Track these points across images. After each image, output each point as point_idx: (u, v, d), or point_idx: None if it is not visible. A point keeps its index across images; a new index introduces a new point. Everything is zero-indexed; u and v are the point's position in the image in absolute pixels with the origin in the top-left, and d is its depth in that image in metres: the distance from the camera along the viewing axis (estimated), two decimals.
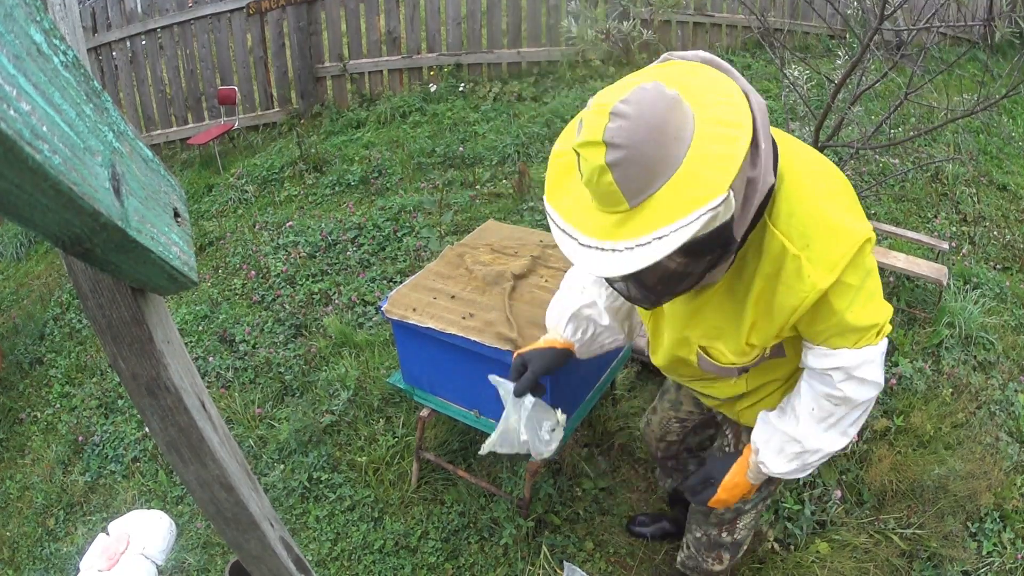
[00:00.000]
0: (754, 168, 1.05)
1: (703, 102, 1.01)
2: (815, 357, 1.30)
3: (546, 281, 2.30)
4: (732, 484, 1.53)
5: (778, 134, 1.22)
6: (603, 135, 0.96)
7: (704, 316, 1.34)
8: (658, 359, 1.55)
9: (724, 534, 1.85)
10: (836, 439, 1.38)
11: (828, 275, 1.14)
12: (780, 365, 1.44)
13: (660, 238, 0.97)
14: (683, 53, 1.14)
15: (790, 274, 1.16)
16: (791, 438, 1.39)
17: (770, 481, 1.64)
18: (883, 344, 1.29)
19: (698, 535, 1.90)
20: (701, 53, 1.13)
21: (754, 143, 1.03)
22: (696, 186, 0.97)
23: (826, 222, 1.14)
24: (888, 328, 1.29)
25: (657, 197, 0.98)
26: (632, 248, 0.99)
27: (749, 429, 1.56)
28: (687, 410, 1.96)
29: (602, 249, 1.01)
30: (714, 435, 1.96)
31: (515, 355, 1.73)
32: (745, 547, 1.93)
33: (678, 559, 2.06)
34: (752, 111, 1.03)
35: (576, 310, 1.63)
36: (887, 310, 1.29)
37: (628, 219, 1.00)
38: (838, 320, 1.20)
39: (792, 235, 1.15)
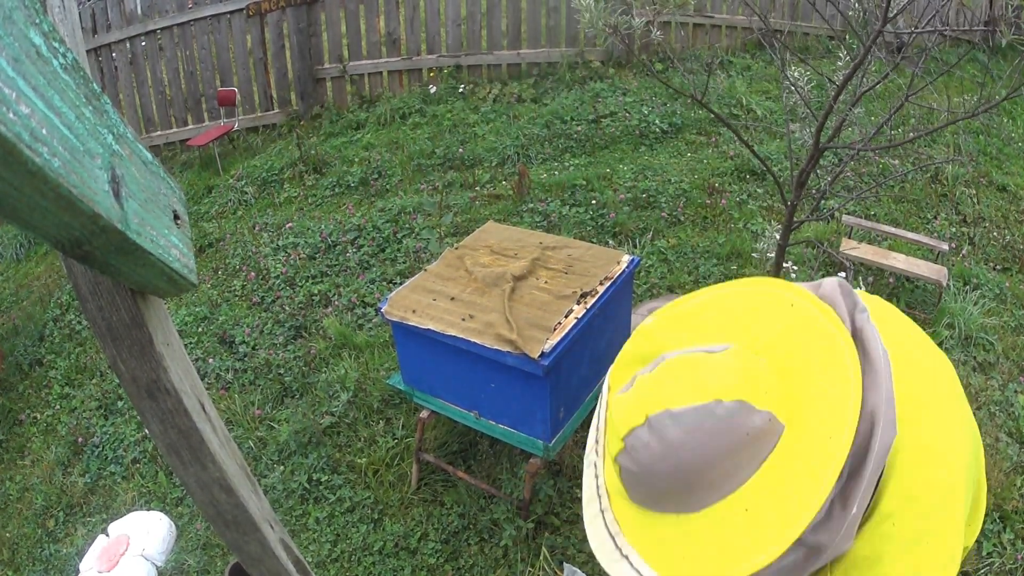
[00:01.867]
0: (817, 533, 0.77)
1: (801, 415, 0.77)
2: None
3: (545, 283, 2.30)
4: None
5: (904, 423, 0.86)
6: (619, 449, 0.79)
7: None
8: None
9: None
10: None
11: None
12: None
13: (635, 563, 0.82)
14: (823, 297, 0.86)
15: None
16: None
17: None
18: None
19: None
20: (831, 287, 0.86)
21: (842, 498, 0.78)
22: (690, 558, 0.78)
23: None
24: None
25: (658, 521, 0.81)
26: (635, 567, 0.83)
27: None
28: None
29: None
30: None
31: None
32: None
33: None
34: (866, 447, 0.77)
35: None
36: None
37: (639, 525, 0.84)
38: None
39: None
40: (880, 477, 0.85)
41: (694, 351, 0.81)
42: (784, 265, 3.19)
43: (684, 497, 0.79)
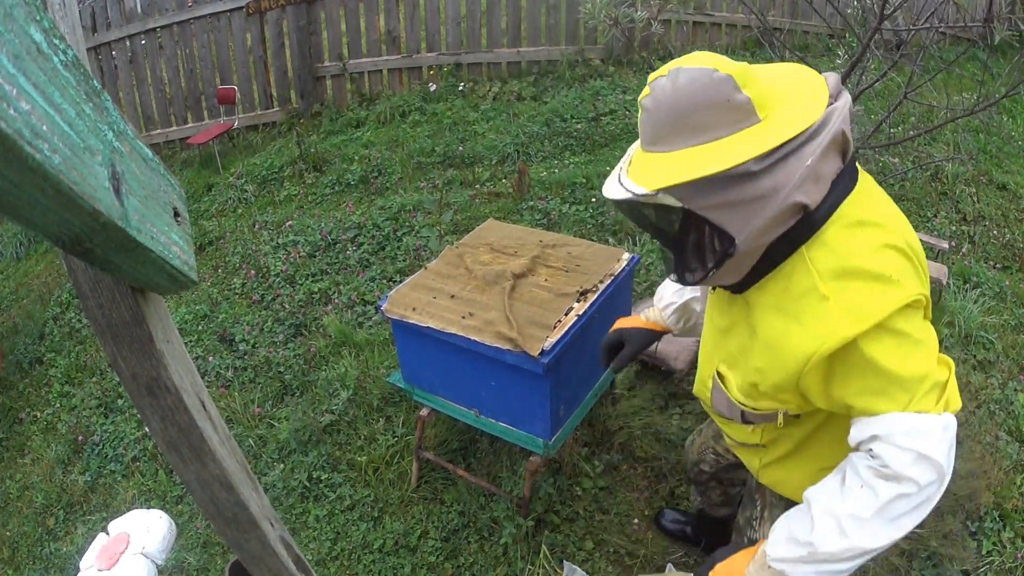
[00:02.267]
0: (762, 178, 1.04)
1: (774, 116, 1.07)
2: (857, 428, 1.11)
3: (546, 280, 2.30)
4: (727, 570, 1.27)
5: (868, 182, 1.19)
6: (646, 94, 1.13)
7: (729, 338, 1.30)
8: (695, 379, 1.52)
9: None
10: (878, 530, 1.07)
11: (855, 325, 1.04)
12: (795, 424, 1.32)
13: (628, 186, 1.13)
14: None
15: (812, 315, 1.07)
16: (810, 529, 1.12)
17: None
18: (948, 420, 1.06)
19: None
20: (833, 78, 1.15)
21: (796, 154, 1.04)
22: (672, 169, 1.08)
23: (872, 270, 1.05)
24: (954, 401, 1.09)
25: (656, 157, 1.12)
26: (623, 182, 1.15)
27: (776, 502, 1.50)
28: (724, 446, 1.83)
29: (619, 176, 1.19)
30: (746, 480, 1.79)
31: (612, 329, 1.79)
32: None
33: (692, 537, 2.23)
34: (817, 129, 1.05)
35: (684, 302, 1.69)
36: (945, 369, 1.11)
37: (641, 161, 1.15)
38: (876, 369, 1.05)
39: (827, 274, 1.07)
40: (849, 191, 1.12)
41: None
42: None
43: (672, 135, 1.09)
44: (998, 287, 3.55)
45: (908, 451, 1.04)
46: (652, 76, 1.12)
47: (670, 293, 1.72)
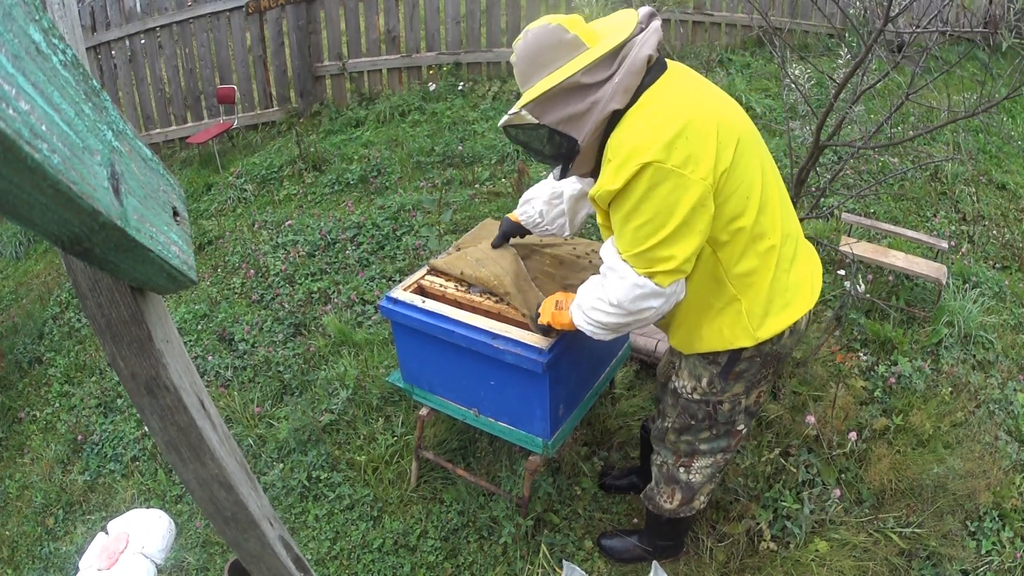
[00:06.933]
0: (591, 95, 1.51)
1: (599, 44, 1.52)
2: (604, 248, 1.66)
3: (548, 265, 2.31)
4: (549, 305, 1.90)
5: (681, 74, 1.61)
6: (513, 47, 1.59)
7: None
8: None
9: (681, 469, 2.01)
10: (592, 306, 1.69)
11: (614, 180, 1.48)
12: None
13: (510, 113, 1.63)
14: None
15: (599, 176, 1.57)
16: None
17: (726, 432, 1.90)
18: (641, 280, 1.53)
19: (659, 462, 2.07)
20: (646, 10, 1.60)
21: (609, 78, 1.50)
22: (530, 94, 1.54)
23: (631, 142, 1.46)
24: (664, 280, 1.52)
25: (525, 93, 1.56)
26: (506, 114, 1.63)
27: (689, 365, 1.86)
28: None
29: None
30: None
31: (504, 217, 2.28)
32: (700, 500, 2.06)
33: (643, 490, 2.21)
34: (621, 62, 1.51)
35: (531, 198, 2.14)
36: (651, 260, 1.51)
37: (519, 99, 1.57)
38: (615, 219, 1.56)
39: (611, 150, 1.52)
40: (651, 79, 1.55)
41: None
42: None
43: (530, 73, 1.55)
44: (997, 287, 3.55)
45: (606, 280, 1.62)
46: (515, 42, 1.57)
47: (526, 198, 2.15)
